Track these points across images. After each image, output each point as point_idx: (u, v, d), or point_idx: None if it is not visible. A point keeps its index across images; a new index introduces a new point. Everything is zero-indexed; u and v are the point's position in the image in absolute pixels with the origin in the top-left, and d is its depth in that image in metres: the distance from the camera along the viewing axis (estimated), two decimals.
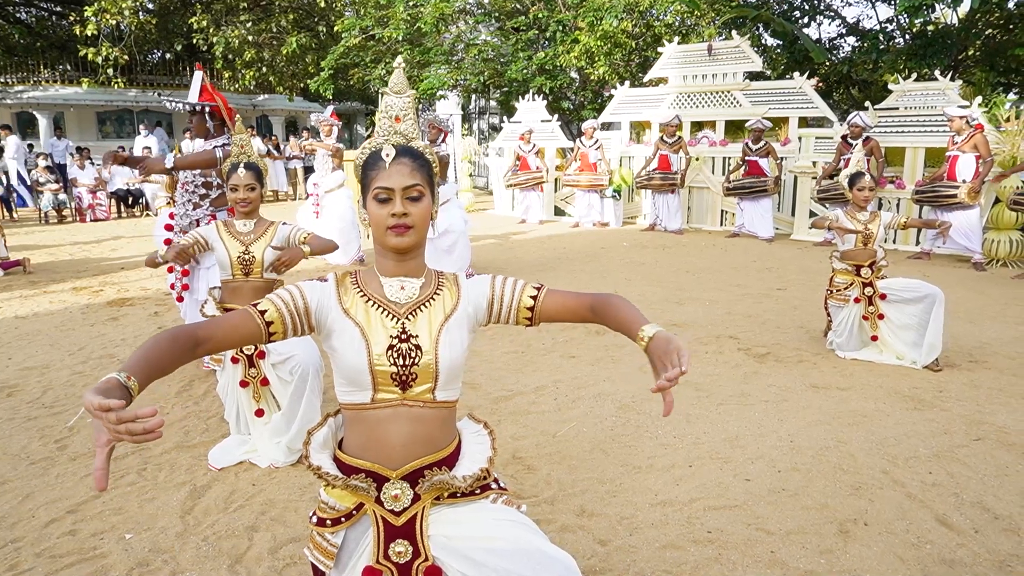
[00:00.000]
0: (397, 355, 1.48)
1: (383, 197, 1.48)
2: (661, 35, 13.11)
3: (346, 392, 1.51)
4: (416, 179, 1.49)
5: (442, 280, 1.60)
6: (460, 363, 1.54)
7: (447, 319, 1.53)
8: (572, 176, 11.63)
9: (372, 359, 1.47)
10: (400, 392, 1.49)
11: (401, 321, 1.50)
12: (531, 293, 1.57)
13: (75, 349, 4.88)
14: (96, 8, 15.54)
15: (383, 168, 1.49)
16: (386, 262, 1.55)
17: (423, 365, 1.49)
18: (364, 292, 1.53)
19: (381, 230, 1.49)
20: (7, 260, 7.71)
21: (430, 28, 13.69)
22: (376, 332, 1.48)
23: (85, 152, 13.26)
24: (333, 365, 1.52)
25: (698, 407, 3.81)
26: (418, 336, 1.50)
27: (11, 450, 3.33)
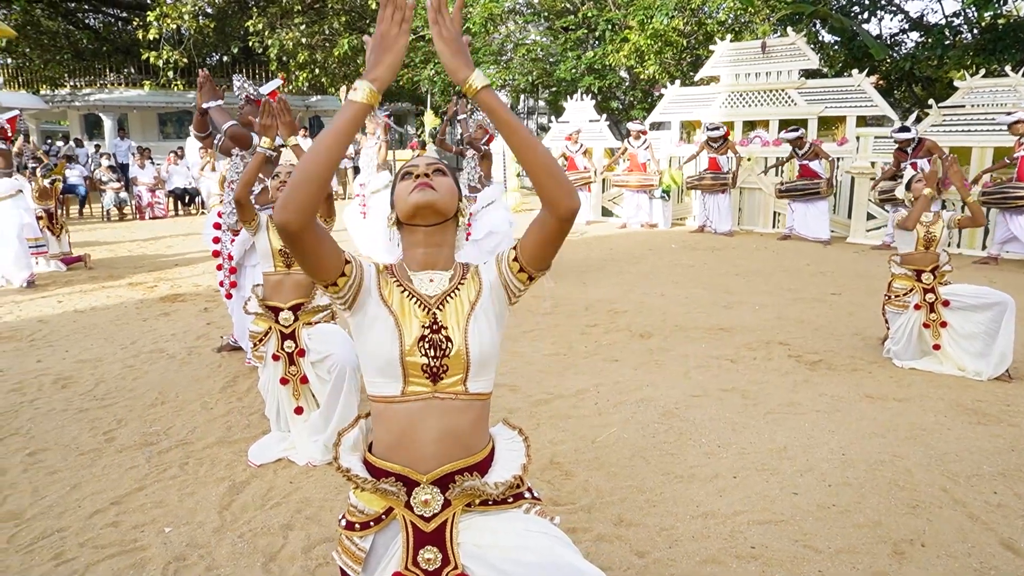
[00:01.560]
0: (428, 346, 1.46)
1: (408, 171, 1.55)
2: (713, 33, 12.83)
3: (376, 384, 1.49)
4: (438, 162, 1.56)
5: (466, 271, 1.58)
6: (491, 352, 1.50)
7: (473, 308, 1.51)
8: (621, 176, 11.51)
9: (404, 349, 1.45)
10: (431, 384, 1.46)
11: (432, 311, 1.49)
12: (512, 251, 1.53)
13: (127, 343, 5.01)
14: (158, 13, 16.06)
15: (412, 161, 1.58)
16: (415, 253, 1.55)
17: (454, 356, 1.46)
18: (399, 282, 1.52)
19: (404, 198, 1.51)
20: (70, 256, 8.01)
21: (478, 28, 13.71)
22: (409, 322, 1.47)
23: (146, 152, 13.72)
24: (362, 356, 1.50)
25: (744, 415, 3.67)
26: (447, 328, 1.48)
27: (63, 441, 3.42)
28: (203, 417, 3.71)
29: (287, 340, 3.20)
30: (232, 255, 4.24)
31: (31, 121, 20.88)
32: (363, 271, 1.49)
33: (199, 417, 3.71)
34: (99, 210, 13.31)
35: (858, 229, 9.88)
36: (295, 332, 3.21)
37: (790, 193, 9.96)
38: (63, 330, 5.39)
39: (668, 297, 6.40)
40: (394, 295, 1.50)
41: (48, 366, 4.52)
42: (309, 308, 3.25)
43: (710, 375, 4.31)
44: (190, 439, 3.44)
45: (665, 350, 4.81)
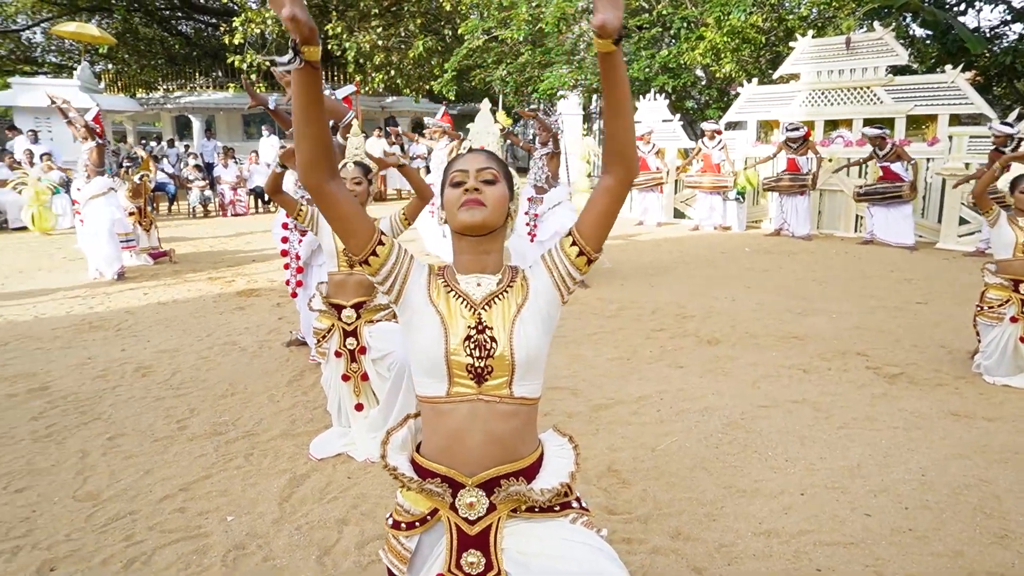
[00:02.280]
0: (473, 346, 1.45)
1: (457, 180, 1.50)
2: (794, 29, 12.35)
3: (423, 384, 1.49)
4: (491, 165, 1.51)
5: (514, 275, 1.56)
6: (537, 356, 1.48)
7: (519, 310, 1.49)
8: (694, 177, 11.25)
9: (449, 348, 1.44)
10: (476, 386, 1.45)
11: (477, 312, 1.48)
12: (567, 237, 1.50)
13: (204, 335, 5.22)
14: (243, 18, 16.73)
15: (460, 160, 1.55)
16: (463, 257, 1.54)
17: (498, 357, 1.44)
18: (447, 283, 1.52)
19: (453, 212, 1.50)
20: (157, 250, 8.44)
21: (552, 28, 13.65)
22: (455, 322, 1.47)
23: (229, 152, 14.32)
24: (411, 356, 1.50)
25: (815, 429, 3.50)
26: (493, 328, 1.46)
27: (139, 427, 3.58)
28: (269, 409, 3.81)
29: (349, 337, 3.25)
30: (300, 255, 4.35)
31: (128, 123, 22.13)
32: (410, 266, 1.50)
33: (266, 409, 3.82)
34: (186, 207, 13.98)
35: (949, 234, 9.32)
36: (357, 330, 3.25)
37: (869, 196, 9.50)
38: (146, 321, 5.67)
39: (739, 302, 6.19)
40: (441, 295, 1.50)
41: (131, 355, 4.76)
42: (371, 306, 3.29)
43: (780, 385, 4.14)
44: (256, 430, 3.54)
45: (733, 358, 4.65)
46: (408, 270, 1.50)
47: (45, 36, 24.30)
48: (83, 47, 19.56)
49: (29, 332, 5.37)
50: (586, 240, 1.47)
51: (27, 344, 5.05)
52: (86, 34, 16.35)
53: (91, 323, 5.61)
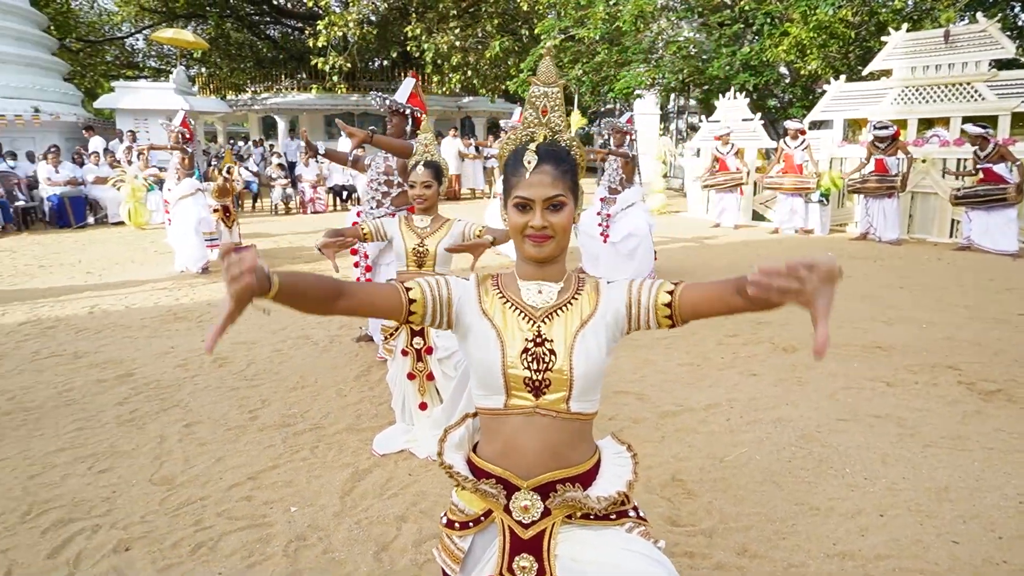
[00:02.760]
0: (531, 359, 1.42)
1: (522, 205, 1.44)
2: (886, 23, 11.73)
3: (481, 396, 1.47)
4: (558, 188, 1.43)
5: (582, 285, 1.51)
6: (596, 373, 1.43)
7: (583, 325, 1.44)
8: (774, 178, 10.84)
9: (506, 361, 1.42)
10: (533, 399, 1.42)
11: (537, 324, 1.44)
12: (667, 289, 1.42)
13: (278, 329, 5.38)
14: (327, 22, 17.26)
15: (524, 175, 1.44)
16: (525, 266, 1.51)
17: (556, 371, 1.41)
18: (503, 294, 1.49)
19: (519, 237, 1.46)
20: (239, 246, 8.76)
21: (629, 26, 13.46)
22: (512, 334, 1.44)
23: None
24: (469, 368, 1.49)
25: (899, 447, 3.28)
26: (553, 341, 1.42)
27: (214, 415, 3.72)
28: (337, 403, 3.89)
29: (416, 337, 3.27)
30: (368, 254, 4.42)
31: (218, 123, 23.22)
32: (449, 293, 1.46)
33: (333, 403, 3.89)
34: (269, 204, 14.52)
35: None
36: (424, 329, 3.26)
37: (968, 200, 8.91)
38: None
39: None
40: (496, 307, 1.47)
41: None
42: None
43: (861, 398, 3.91)
44: (323, 424, 3.62)
45: (810, 367, 4.43)
46: (448, 297, 1.46)
47: (146, 42, 25.81)
48: (179, 52, 20.65)
49: (120, 321, 5.67)
50: (682, 310, 1.39)
51: (118, 332, 5.33)
52: (182, 39, 17.25)
53: (176, 314, 5.88)
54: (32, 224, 12.15)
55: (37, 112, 13.98)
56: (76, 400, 3.93)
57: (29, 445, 3.35)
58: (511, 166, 1.48)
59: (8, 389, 4.12)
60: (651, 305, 1.42)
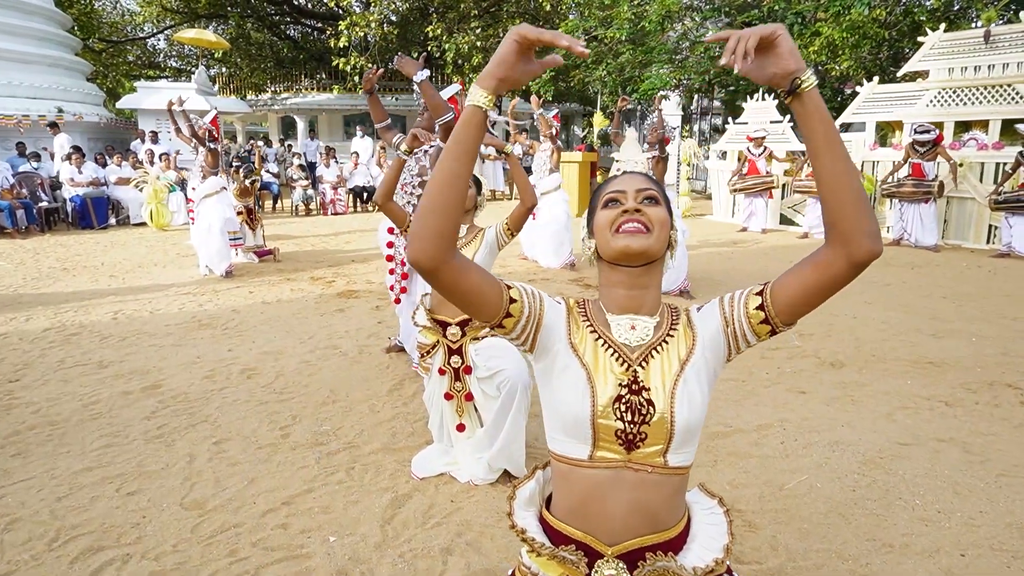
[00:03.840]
0: (625, 408, 1.24)
1: (613, 199, 1.30)
2: (921, 23, 11.44)
3: (560, 442, 1.30)
4: (651, 186, 1.30)
5: (676, 318, 1.34)
6: (699, 421, 1.27)
7: (683, 367, 1.27)
8: (804, 182, 10.60)
9: (597, 410, 1.24)
10: (624, 452, 1.25)
11: (633, 368, 1.27)
12: (755, 291, 1.26)
13: (306, 338, 5.26)
14: (348, 22, 17.19)
15: (614, 180, 1.34)
16: (614, 292, 1.32)
17: (655, 423, 1.24)
18: (594, 328, 1.31)
19: (607, 233, 1.28)
20: (263, 248, 8.68)
21: (654, 26, 13.25)
22: (603, 378, 1.26)
23: (331, 151, 14.71)
24: (546, 406, 1.32)
25: (968, 475, 3.08)
26: (650, 389, 1.25)
27: (244, 432, 3.58)
28: (370, 420, 3.74)
29: (454, 355, 3.11)
30: (404, 261, 4.27)
31: (237, 123, 23.26)
32: (542, 308, 1.29)
33: (366, 420, 3.75)
34: (289, 205, 14.45)
35: None
36: (462, 348, 3.10)
37: (1009, 205, 8.63)
38: (251, 320, 5.78)
39: (861, 320, 5.70)
40: (587, 342, 1.29)
41: (237, 356, 4.83)
42: (477, 323, 3.13)
43: (920, 419, 3.71)
44: (357, 442, 3.47)
45: (861, 384, 4.23)
46: (541, 314, 1.28)
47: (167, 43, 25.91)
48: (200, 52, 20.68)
49: (144, 328, 5.57)
50: (777, 308, 1.22)
51: (143, 340, 5.23)
52: (203, 40, 17.25)
53: (200, 321, 5.77)
54: (55, 225, 12.15)
55: (61, 112, 14.01)
56: (102, 414, 3.82)
57: (55, 463, 3.23)
58: (600, 192, 1.35)
59: (34, 401, 4.01)
60: (743, 316, 1.25)
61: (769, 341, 5.10)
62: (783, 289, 1.21)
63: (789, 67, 1.09)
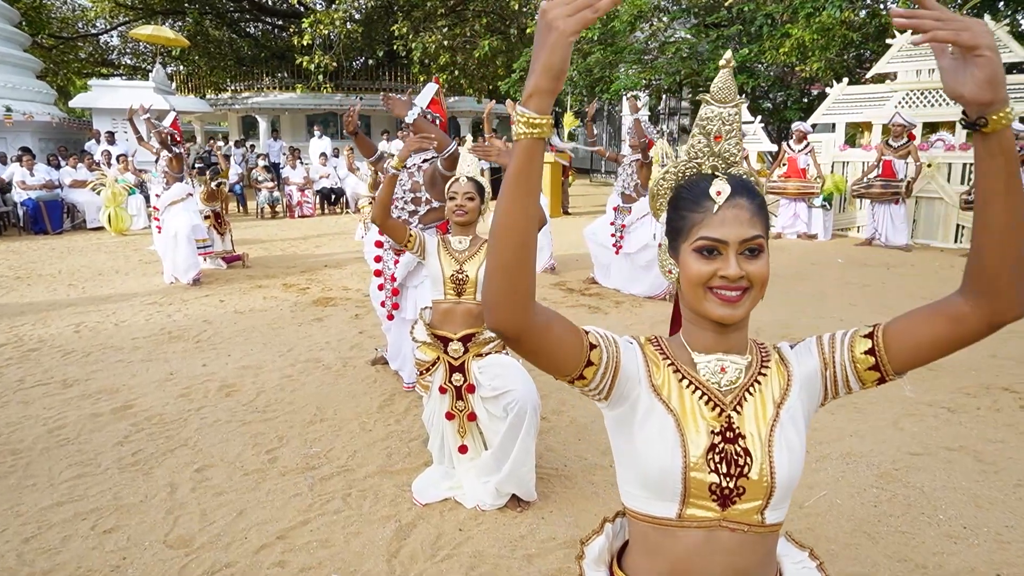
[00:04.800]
0: (720, 459, 1.10)
1: (709, 248, 1.10)
2: (888, 26, 11.60)
3: (640, 498, 1.14)
4: (757, 228, 1.11)
5: (767, 356, 1.19)
6: (799, 473, 1.13)
7: (778, 411, 1.13)
8: (777, 183, 10.64)
9: (689, 462, 1.09)
10: (719, 510, 1.10)
11: (727, 413, 1.12)
12: (864, 333, 1.12)
13: (284, 350, 5.01)
14: (312, 20, 16.79)
15: (710, 211, 1.11)
16: (701, 332, 1.17)
17: (754, 477, 1.09)
18: (677, 368, 1.16)
19: (698, 290, 1.11)
20: (231, 254, 8.35)
21: (625, 26, 13.21)
22: (694, 425, 1.11)
23: (296, 152, 14.33)
24: (622, 458, 1.17)
25: (986, 487, 3.02)
26: (746, 437, 1.11)
27: (228, 456, 3.35)
28: (362, 440, 3.54)
29: (456, 373, 2.93)
30: (395, 276, 4.05)
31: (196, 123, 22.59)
32: (618, 352, 1.13)
33: (358, 440, 3.54)
34: (254, 207, 14.02)
35: None
36: (464, 365, 2.92)
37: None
38: (225, 332, 5.50)
39: (848, 323, 5.67)
40: (671, 384, 1.14)
41: (213, 371, 4.57)
42: (480, 339, 2.96)
43: (926, 427, 3.66)
44: (351, 465, 3.27)
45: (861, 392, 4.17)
46: (618, 358, 1.12)
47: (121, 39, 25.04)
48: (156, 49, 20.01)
49: (110, 342, 5.25)
50: (890, 355, 1.08)
51: (109, 355, 4.92)
52: (161, 37, 16.67)
53: (170, 333, 5.47)
54: (5, 230, 11.56)
55: (9, 111, 13.36)
56: (70, 439, 3.54)
57: (21, 498, 2.96)
58: (685, 200, 1.15)
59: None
60: (847, 360, 1.12)
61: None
62: (900, 336, 1.08)
63: (983, 97, 0.90)
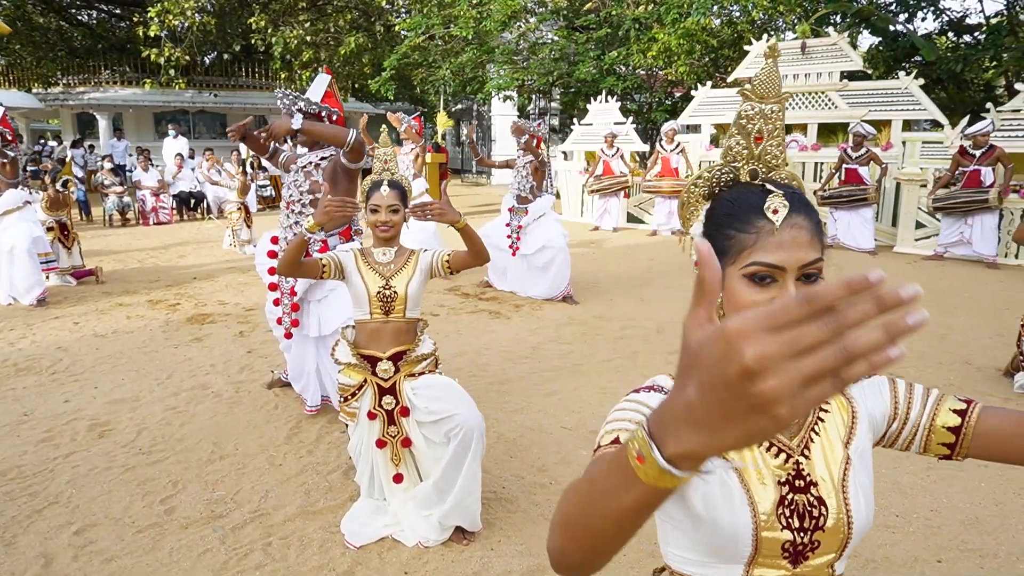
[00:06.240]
0: (791, 513, 0.97)
1: (763, 275, 0.96)
2: (743, 33, 12.37)
3: (695, 563, 1.01)
4: (816, 250, 0.98)
5: None
6: (873, 516, 1.02)
7: (847, 450, 1.01)
8: (652, 182, 11.03)
9: (759, 521, 0.95)
10: (789, 567, 0.98)
11: (794, 459, 0.99)
12: (955, 407, 1.02)
13: (163, 377, 4.44)
14: (159, 8, 15.41)
15: (764, 231, 0.97)
16: None
17: (830, 528, 0.97)
18: None
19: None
20: (81, 269, 7.40)
21: (496, 26, 13.18)
22: (759, 477, 0.97)
23: (146, 153, 13.08)
24: (672, 520, 1.02)
25: (903, 472, 3.17)
26: (818, 484, 0.98)
27: (113, 512, 2.86)
28: (273, 477, 3.16)
29: (386, 395, 2.66)
30: (295, 290, 3.66)
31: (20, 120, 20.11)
32: None
33: (268, 477, 3.16)
34: (99, 215, 12.63)
35: (906, 238, 9.44)
36: (396, 386, 2.67)
37: (833, 200, 9.52)
38: (86, 360, 4.81)
39: None
40: None
41: (78, 407, 3.95)
42: (412, 357, 2.70)
43: None
44: (264, 508, 2.90)
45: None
46: None
47: None
48: None
49: None
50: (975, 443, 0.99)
51: None
52: None
53: (17, 365, 4.70)
54: None
55: None
56: None
57: None
58: (730, 217, 1.01)
59: None
60: (925, 426, 1.02)
61: (665, 344, 5.10)
62: (993, 432, 0.99)
63: None
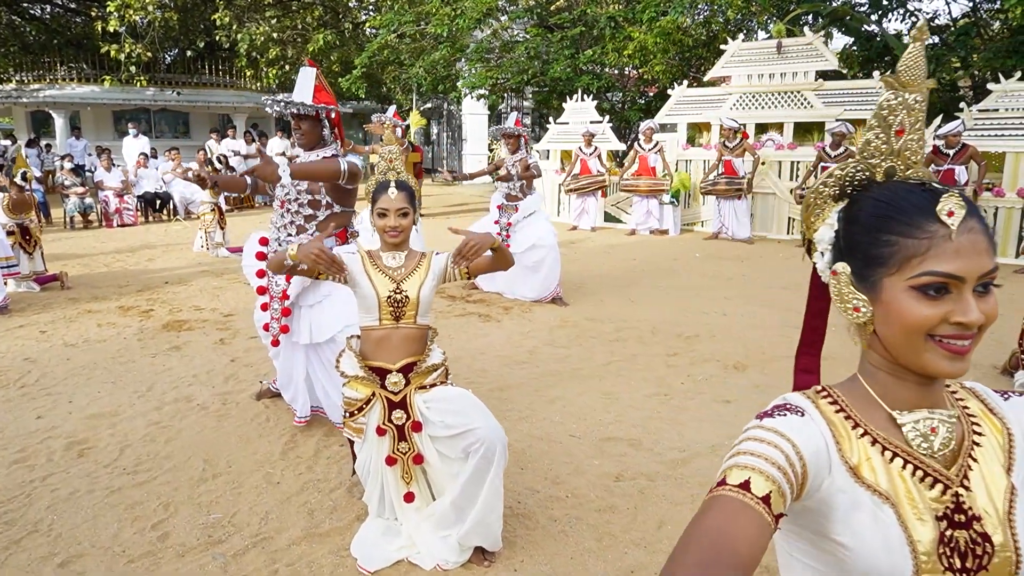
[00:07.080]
0: (952, 552, 0.86)
1: (939, 286, 0.84)
2: (718, 32, 12.40)
3: None
4: (994, 258, 0.87)
5: (965, 406, 0.97)
6: None
7: (1009, 476, 0.91)
8: (630, 181, 10.99)
9: (919, 562, 0.84)
10: None
11: (953, 491, 0.88)
12: None
13: (143, 389, 4.20)
14: (119, 3, 14.88)
15: (938, 237, 0.85)
16: (901, 385, 0.92)
17: (995, 566, 0.86)
18: (873, 437, 0.90)
19: (917, 339, 0.86)
20: (43, 274, 7.04)
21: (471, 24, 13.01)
22: (915, 511, 0.86)
23: (107, 153, 12.62)
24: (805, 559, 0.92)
25: None
26: (981, 518, 0.87)
27: (101, 541, 2.65)
28: (272, 497, 2.97)
29: (396, 410, 2.50)
30: (288, 294, 3.45)
31: None
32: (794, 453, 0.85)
33: (267, 497, 2.97)
34: (59, 217, 12.14)
35: None
36: (407, 399, 2.51)
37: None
38: (57, 372, 4.53)
39: (732, 317, 5.87)
40: (873, 462, 0.89)
41: (53, 424, 3.70)
42: (424, 368, 2.54)
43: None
44: (267, 532, 2.71)
45: (773, 386, 4.25)
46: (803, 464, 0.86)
47: None
48: None
49: None
50: None
51: None
52: None
53: None
54: None
55: None
56: None
57: None
58: (890, 220, 0.88)
59: None
60: None
61: (662, 346, 5.01)
62: None
63: None
